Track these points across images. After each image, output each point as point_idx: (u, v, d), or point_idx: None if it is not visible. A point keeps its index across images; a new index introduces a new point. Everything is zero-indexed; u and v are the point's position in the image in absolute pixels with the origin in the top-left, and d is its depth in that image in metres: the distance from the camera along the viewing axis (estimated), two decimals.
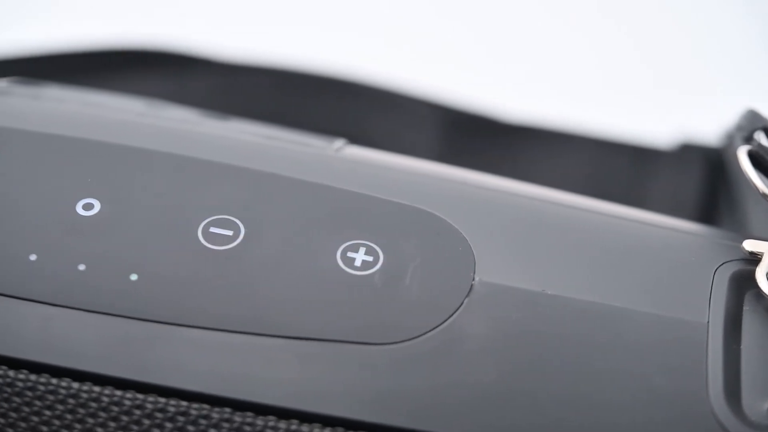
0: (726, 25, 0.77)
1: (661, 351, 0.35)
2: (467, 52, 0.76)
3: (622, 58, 0.76)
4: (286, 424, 0.33)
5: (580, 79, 0.75)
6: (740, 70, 0.75)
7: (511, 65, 0.75)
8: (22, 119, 0.40)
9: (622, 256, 0.37)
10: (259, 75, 0.69)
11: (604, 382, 0.34)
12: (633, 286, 0.36)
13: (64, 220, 0.36)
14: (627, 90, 0.74)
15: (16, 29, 0.70)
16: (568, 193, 0.41)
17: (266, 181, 0.38)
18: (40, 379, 0.34)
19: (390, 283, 0.35)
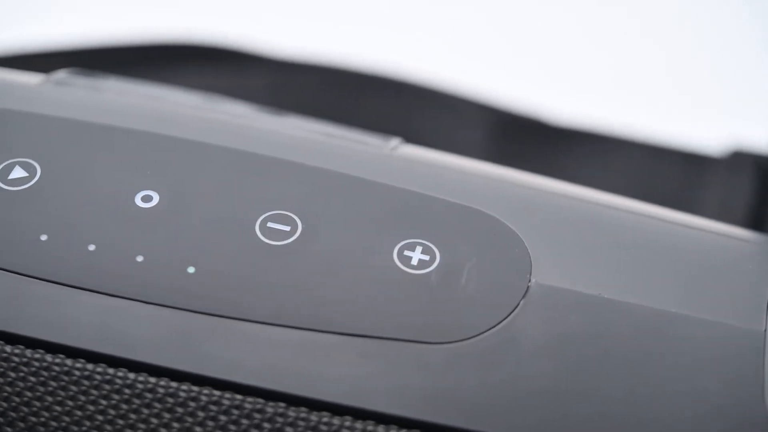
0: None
1: (717, 358, 0.34)
2: (518, 55, 0.76)
3: (675, 64, 0.76)
4: (339, 420, 0.33)
5: (631, 84, 0.75)
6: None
7: (562, 69, 0.75)
8: (82, 110, 0.40)
9: (678, 261, 0.37)
10: (312, 73, 0.69)
11: (659, 388, 0.34)
12: (689, 292, 0.36)
13: (123, 212, 0.36)
14: (678, 96, 0.74)
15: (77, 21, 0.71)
16: (621, 197, 0.41)
17: (324, 178, 0.38)
18: (97, 369, 0.34)
19: (446, 282, 0.35)
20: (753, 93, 0.74)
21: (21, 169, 0.37)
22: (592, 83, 0.75)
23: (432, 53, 0.74)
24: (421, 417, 0.33)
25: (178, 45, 0.70)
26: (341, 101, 0.68)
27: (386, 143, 0.41)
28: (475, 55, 0.75)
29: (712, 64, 0.76)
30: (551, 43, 0.76)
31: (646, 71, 0.76)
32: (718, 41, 0.77)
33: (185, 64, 0.68)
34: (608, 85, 0.75)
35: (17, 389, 0.34)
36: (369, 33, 0.76)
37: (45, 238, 0.36)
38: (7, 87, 0.41)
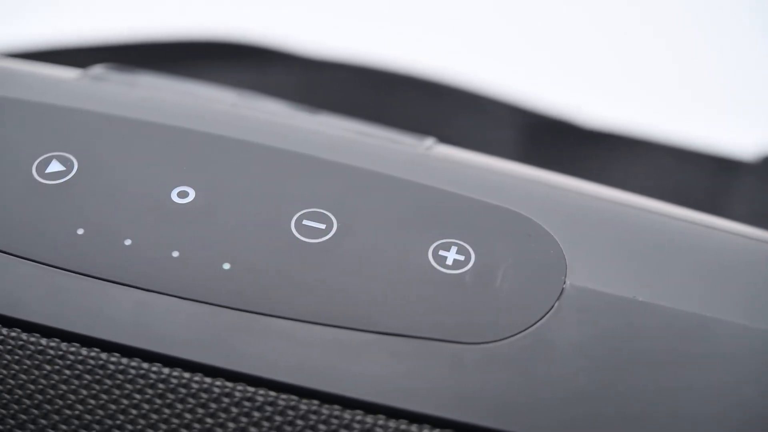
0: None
1: (752, 363, 0.34)
2: (549, 57, 0.76)
3: (708, 68, 0.76)
4: (372, 418, 0.33)
5: (663, 87, 0.74)
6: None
7: (593, 71, 0.75)
8: (119, 105, 0.40)
9: (713, 265, 0.37)
10: (341, 71, 0.69)
11: (693, 392, 0.34)
12: (724, 297, 0.36)
13: (159, 207, 0.37)
14: (710, 100, 0.74)
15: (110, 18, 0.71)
16: (653, 200, 0.41)
17: (359, 177, 0.38)
18: (132, 363, 0.34)
19: (481, 283, 0.35)
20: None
21: (58, 163, 0.38)
22: (623, 86, 0.75)
23: (462, 54, 0.74)
24: (454, 417, 0.33)
25: (207, 42, 0.70)
26: (370, 100, 0.68)
27: (421, 143, 0.41)
28: (506, 56, 0.75)
29: (746, 69, 0.76)
30: (583, 45, 0.76)
31: (679, 74, 0.75)
32: (752, 45, 0.76)
33: (215, 61, 0.69)
34: (639, 87, 0.74)
35: (52, 382, 0.34)
36: (399, 32, 0.76)
37: (81, 232, 0.36)
38: (45, 81, 0.42)
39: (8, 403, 0.34)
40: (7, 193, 0.37)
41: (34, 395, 0.34)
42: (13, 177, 0.37)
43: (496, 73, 0.70)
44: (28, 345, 0.34)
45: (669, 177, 0.66)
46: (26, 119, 0.39)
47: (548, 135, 0.67)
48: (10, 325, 0.35)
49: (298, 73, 0.68)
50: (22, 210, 0.36)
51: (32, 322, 0.34)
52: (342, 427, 0.33)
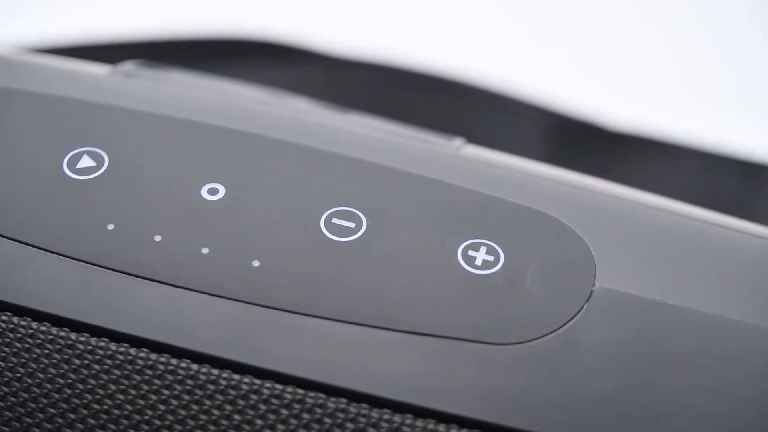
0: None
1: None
2: (576, 59, 0.75)
3: (734, 72, 0.75)
4: (400, 417, 0.33)
5: (690, 91, 0.74)
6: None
7: (619, 74, 0.75)
8: (150, 102, 0.40)
9: (741, 268, 0.37)
10: (367, 70, 0.69)
11: (721, 395, 0.34)
12: (753, 300, 0.36)
13: (189, 203, 0.37)
14: (737, 104, 0.74)
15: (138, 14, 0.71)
16: (682, 203, 0.41)
17: (389, 176, 0.38)
18: (161, 359, 0.34)
19: (510, 283, 0.35)
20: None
21: (89, 159, 0.38)
22: (649, 88, 0.74)
23: (487, 54, 0.73)
24: (482, 417, 0.33)
25: (234, 40, 0.70)
26: (395, 100, 0.68)
27: (450, 143, 0.41)
28: (531, 57, 0.75)
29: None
30: (609, 47, 0.76)
31: (705, 77, 0.75)
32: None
33: (241, 59, 0.69)
34: (665, 90, 0.74)
35: (81, 376, 0.34)
36: (425, 32, 0.76)
37: (112, 227, 0.36)
38: (76, 77, 0.42)
39: (37, 397, 0.34)
40: (38, 188, 0.37)
41: (62, 389, 0.34)
42: (44, 172, 0.37)
43: (521, 74, 0.70)
44: (57, 339, 0.34)
45: (694, 180, 0.66)
46: (57, 115, 0.39)
47: (573, 137, 0.67)
48: (41, 319, 0.35)
49: (324, 72, 0.68)
50: (52, 205, 0.36)
51: (62, 317, 0.35)
52: (370, 426, 0.33)
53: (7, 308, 0.35)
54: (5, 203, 0.36)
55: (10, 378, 0.34)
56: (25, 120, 0.39)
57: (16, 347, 0.34)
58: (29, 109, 0.39)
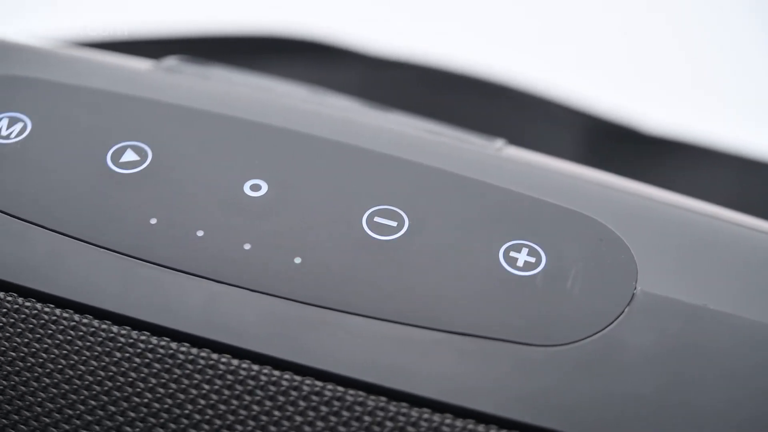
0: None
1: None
2: (615, 62, 0.75)
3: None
4: (439, 417, 0.33)
5: (729, 95, 0.74)
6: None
7: (657, 78, 0.75)
8: (193, 97, 0.40)
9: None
10: (404, 70, 0.69)
11: (763, 404, 0.33)
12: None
13: (232, 199, 0.37)
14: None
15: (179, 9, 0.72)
16: (722, 208, 0.41)
17: (431, 176, 0.38)
18: (201, 354, 0.34)
19: (551, 285, 0.35)
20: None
21: (133, 153, 0.38)
22: (687, 92, 0.74)
23: (525, 56, 0.73)
24: (521, 418, 0.33)
25: (271, 37, 0.70)
26: (431, 100, 0.68)
27: (491, 144, 0.41)
28: (569, 59, 0.75)
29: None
30: (648, 51, 0.76)
31: (744, 83, 0.75)
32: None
33: (278, 57, 0.69)
34: (703, 94, 0.74)
35: (122, 369, 0.34)
36: (463, 33, 0.76)
37: (154, 222, 0.36)
38: (120, 71, 0.42)
39: (78, 389, 0.34)
40: (82, 181, 0.37)
41: (103, 382, 0.34)
42: (88, 165, 0.38)
43: (558, 76, 0.70)
44: (99, 332, 0.35)
45: (731, 186, 0.65)
46: (101, 108, 0.39)
47: (609, 140, 0.67)
48: (83, 312, 0.35)
49: (361, 71, 0.68)
50: (96, 198, 0.37)
51: (104, 310, 0.35)
52: (409, 425, 0.33)
53: (50, 300, 0.35)
54: (50, 196, 0.37)
55: (52, 369, 0.34)
56: (70, 114, 0.39)
57: (58, 339, 0.35)
58: (74, 102, 0.40)
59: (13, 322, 0.35)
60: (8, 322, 0.35)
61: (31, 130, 0.38)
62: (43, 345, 0.35)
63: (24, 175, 0.37)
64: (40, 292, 0.35)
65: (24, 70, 0.41)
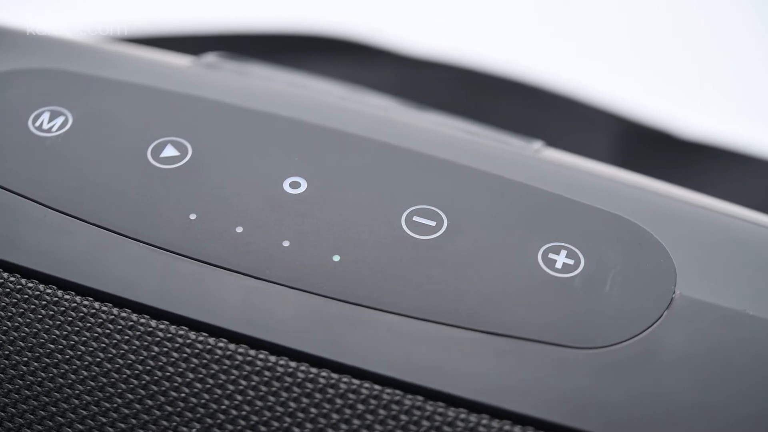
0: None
1: None
2: (651, 65, 0.75)
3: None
4: (476, 417, 0.33)
5: (765, 99, 0.73)
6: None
7: (693, 82, 0.74)
8: (233, 94, 0.40)
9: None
10: (439, 71, 0.69)
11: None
12: None
13: (271, 196, 0.37)
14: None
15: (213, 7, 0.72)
16: (761, 213, 0.41)
17: (470, 176, 0.38)
18: (239, 350, 0.34)
19: (590, 288, 0.35)
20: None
21: (173, 148, 0.38)
22: (722, 97, 0.74)
23: (561, 59, 0.73)
24: (558, 420, 0.33)
25: (308, 36, 0.70)
26: (466, 101, 0.68)
27: (529, 145, 0.41)
28: (605, 62, 0.75)
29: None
30: (686, 57, 0.76)
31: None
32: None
33: (315, 55, 0.69)
34: (740, 100, 0.74)
35: (159, 363, 0.34)
36: (499, 34, 0.76)
37: (194, 217, 0.36)
38: (160, 67, 0.42)
39: (116, 382, 0.34)
40: (122, 175, 0.37)
41: (141, 376, 0.34)
42: (129, 160, 0.38)
43: (593, 79, 0.70)
44: (137, 326, 0.35)
45: (766, 190, 0.65)
46: (142, 104, 0.40)
47: (644, 144, 0.67)
48: (121, 306, 0.35)
49: (397, 70, 0.68)
50: (136, 193, 0.37)
51: (142, 304, 0.35)
52: (445, 425, 0.33)
53: (89, 293, 0.35)
54: (90, 190, 0.37)
55: (90, 362, 0.34)
56: (111, 108, 0.39)
57: (96, 332, 0.35)
58: (115, 97, 0.40)
59: (53, 315, 0.35)
60: (47, 315, 0.35)
61: (72, 124, 0.39)
62: (81, 338, 0.35)
63: (65, 168, 0.37)
64: (80, 285, 0.35)
65: (65, 65, 0.41)
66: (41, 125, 0.39)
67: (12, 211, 0.36)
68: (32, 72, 0.41)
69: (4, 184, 0.37)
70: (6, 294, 0.35)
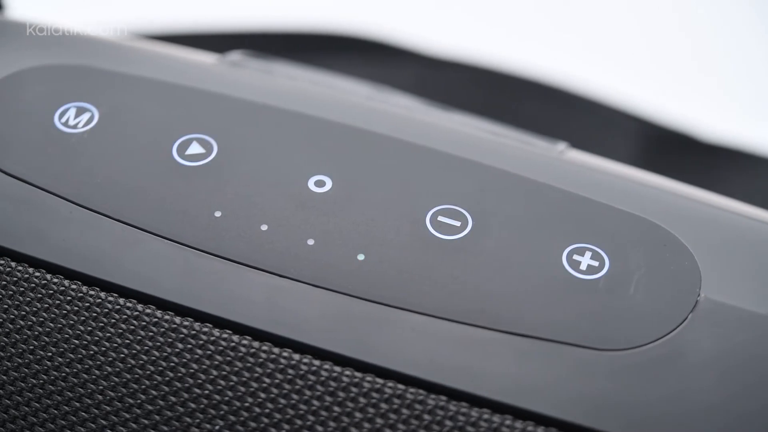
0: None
1: None
2: (675, 69, 0.75)
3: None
4: (500, 418, 0.33)
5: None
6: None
7: (717, 85, 0.74)
8: (258, 92, 0.40)
9: None
10: (460, 71, 0.69)
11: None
12: None
13: (296, 194, 0.37)
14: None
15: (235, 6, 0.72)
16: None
17: (495, 176, 0.38)
18: (263, 347, 0.34)
19: (614, 290, 0.35)
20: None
21: (198, 146, 0.38)
22: (748, 102, 0.74)
23: (583, 60, 0.73)
24: (581, 421, 0.33)
25: (329, 35, 0.70)
26: (487, 102, 0.68)
27: (554, 146, 0.41)
28: (632, 65, 0.75)
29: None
30: (711, 61, 0.75)
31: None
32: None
33: (336, 54, 0.69)
34: (763, 103, 0.73)
35: (183, 360, 0.34)
36: (521, 36, 0.75)
37: (219, 214, 0.36)
38: (185, 65, 0.42)
39: (140, 378, 0.34)
40: (147, 172, 0.37)
41: (165, 372, 0.34)
42: (154, 157, 0.38)
43: (615, 82, 0.70)
44: (161, 322, 0.35)
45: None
46: (167, 101, 0.40)
47: (668, 147, 0.66)
48: (146, 302, 0.35)
49: (418, 70, 0.68)
50: (161, 189, 0.37)
51: (167, 300, 0.35)
52: (469, 425, 0.33)
53: (113, 289, 0.35)
54: (116, 186, 0.37)
55: (114, 358, 0.35)
56: (136, 105, 0.39)
57: (121, 328, 0.35)
58: (140, 94, 0.40)
59: (77, 310, 0.35)
60: (72, 310, 0.35)
61: (99, 121, 0.39)
62: (106, 334, 0.35)
63: (90, 164, 0.38)
64: (104, 281, 0.35)
65: (91, 61, 0.41)
66: (67, 121, 0.39)
67: (37, 207, 0.37)
68: (58, 68, 0.41)
69: (29, 180, 0.37)
70: (31, 289, 0.35)
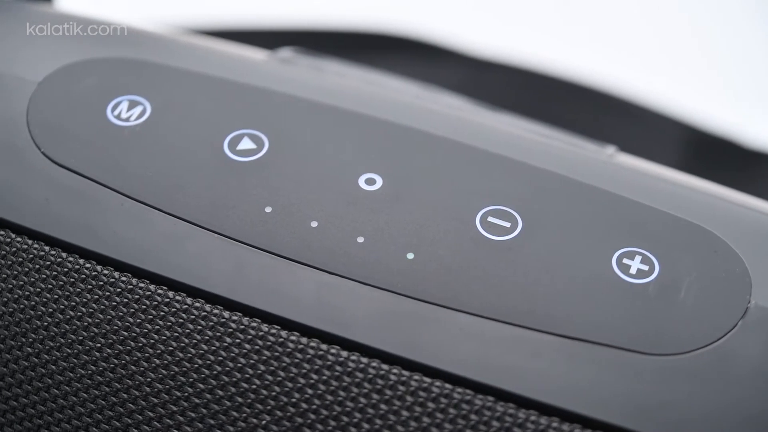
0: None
1: None
2: (720, 74, 0.74)
3: None
4: (546, 420, 0.33)
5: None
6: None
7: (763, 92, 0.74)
8: (309, 89, 0.41)
9: None
10: (505, 72, 0.69)
11: None
12: None
13: (346, 192, 0.37)
14: None
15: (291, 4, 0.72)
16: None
17: (545, 178, 0.38)
18: (311, 343, 0.34)
19: (664, 295, 0.35)
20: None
21: (249, 141, 0.38)
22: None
23: (628, 65, 0.73)
24: (628, 426, 0.33)
25: (376, 34, 0.70)
26: (533, 104, 0.68)
27: (603, 150, 0.41)
28: (676, 69, 0.74)
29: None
30: (755, 66, 0.75)
31: None
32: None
33: (383, 53, 0.69)
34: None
35: (232, 354, 0.34)
36: (568, 38, 0.75)
37: (269, 210, 0.36)
38: (236, 60, 0.42)
39: (188, 371, 0.34)
40: (199, 166, 0.37)
41: (212, 366, 0.34)
42: (206, 151, 0.38)
43: (661, 86, 0.69)
44: (210, 316, 0.35)
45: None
46: (219, 96, 0.40)
47: (710, 152, 0.66)
48: (195, 296, 0.35)
49: (463, 70, 0.68)
50: (212, 184, 0.37)
51: (216, 294, 0.35)
52: (515, 426, 0.33)
53: (163, 282, 0.35)
54: (167, 180, 0.37)
55: (162, 351, 0.35)
56: (188, 99, 0.40)
57: (170, 321, 0.35)
58: (192, 88, 0.40)
59: (127, 303, 0.35)
60: (122, 302, 0.35)
61: (151, 114, 0.39)
62: (155, 326, 0.35)
63: (142, 158, 0.38)
64: (154, 273, 0.36)
65: (145, 55, 0.41)
66: (120, 114, 0.39)
67: (90, 199, 0.37)
68: (111, 61, 0.41)
69: (82, 171, 0.37)
70: (82, 280, 0.36)
